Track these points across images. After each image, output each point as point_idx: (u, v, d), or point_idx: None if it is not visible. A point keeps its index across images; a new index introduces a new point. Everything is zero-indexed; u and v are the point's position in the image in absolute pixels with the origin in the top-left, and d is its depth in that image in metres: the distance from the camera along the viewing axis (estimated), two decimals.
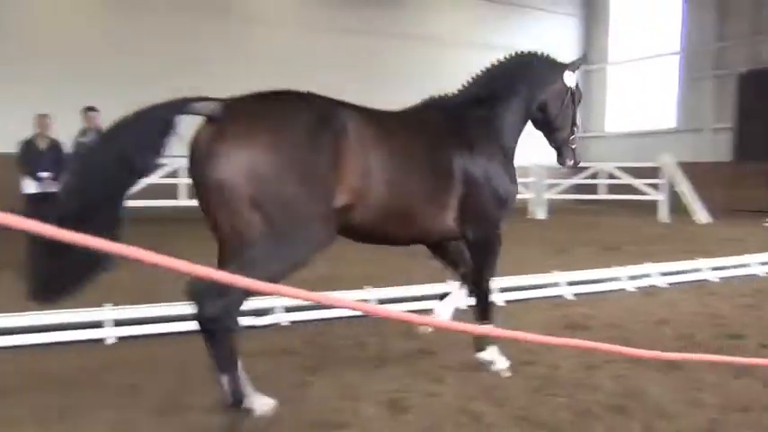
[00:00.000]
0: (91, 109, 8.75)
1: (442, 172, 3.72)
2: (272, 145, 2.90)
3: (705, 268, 8.72)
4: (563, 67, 4.43)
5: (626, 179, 18.75)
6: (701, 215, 17.92)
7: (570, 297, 7.38)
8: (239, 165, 2.85)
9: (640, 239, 13.28)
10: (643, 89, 25.19)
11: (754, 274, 8.86)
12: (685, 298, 7.44)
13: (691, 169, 19.70)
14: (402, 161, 3.47)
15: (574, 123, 4.49)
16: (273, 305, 5.54)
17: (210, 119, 3.00)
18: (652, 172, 18.73)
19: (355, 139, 3.26)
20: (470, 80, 4.21)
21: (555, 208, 20.65)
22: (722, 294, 7.60)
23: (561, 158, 4.54)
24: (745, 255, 9.55)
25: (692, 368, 4.59)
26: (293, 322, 5.54)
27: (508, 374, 4.21)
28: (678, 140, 23.41)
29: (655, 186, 18.44)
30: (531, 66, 4.29)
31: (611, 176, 19.44)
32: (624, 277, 8.04)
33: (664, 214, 17.98)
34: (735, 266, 8.97)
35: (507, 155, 4.11)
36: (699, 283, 8.31)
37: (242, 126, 2.92)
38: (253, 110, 3.02)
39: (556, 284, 7.53)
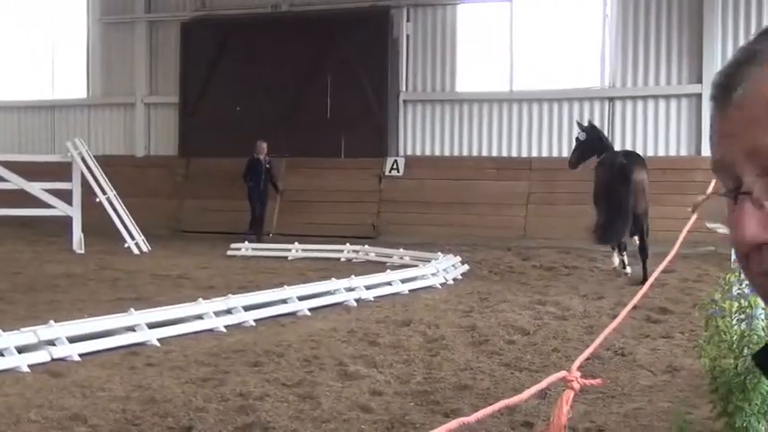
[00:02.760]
0: None
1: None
2: (646, 172, 15.65)
3: (142, 324, 9.16)
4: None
5: (14, 181, 18.44)
6: (138, 240, 18.57)
7: None
8: (641, 178, 15.19)
9: (40, 283, 13.48)
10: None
11: (212, 328, 9.66)
12: (112, 374, 7.73)
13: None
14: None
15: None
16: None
17: (625, 163, 15.05)
18: (65, 169, 18.82)
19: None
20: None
21: None
22: (167, 364, 8.11)
23: None
24: (202, 301, 10.18)
25: None
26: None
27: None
28: (100, 115, 24.82)
29: (64, 194, 18.63)
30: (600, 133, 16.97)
31: None
32: (11, 348, 8.03)
33: (78, 240, 18.38)
34: (176, 320, 9.60)
35: None
36: (133, 349, 8.71)
37: (638, 166, 15.44)
38: (635, 160, 15.78)
39: None
